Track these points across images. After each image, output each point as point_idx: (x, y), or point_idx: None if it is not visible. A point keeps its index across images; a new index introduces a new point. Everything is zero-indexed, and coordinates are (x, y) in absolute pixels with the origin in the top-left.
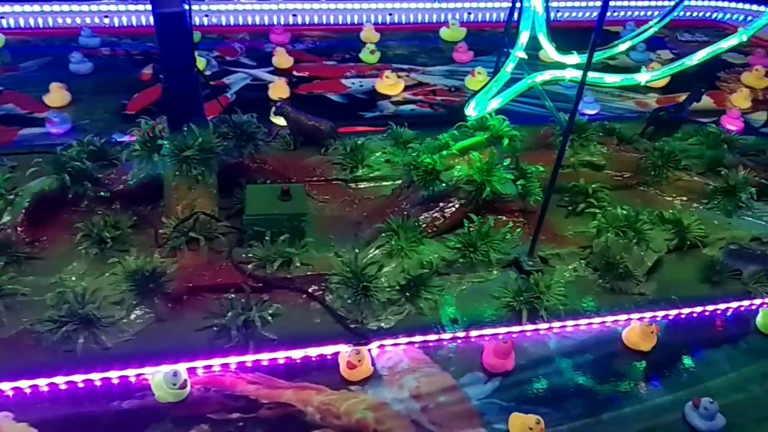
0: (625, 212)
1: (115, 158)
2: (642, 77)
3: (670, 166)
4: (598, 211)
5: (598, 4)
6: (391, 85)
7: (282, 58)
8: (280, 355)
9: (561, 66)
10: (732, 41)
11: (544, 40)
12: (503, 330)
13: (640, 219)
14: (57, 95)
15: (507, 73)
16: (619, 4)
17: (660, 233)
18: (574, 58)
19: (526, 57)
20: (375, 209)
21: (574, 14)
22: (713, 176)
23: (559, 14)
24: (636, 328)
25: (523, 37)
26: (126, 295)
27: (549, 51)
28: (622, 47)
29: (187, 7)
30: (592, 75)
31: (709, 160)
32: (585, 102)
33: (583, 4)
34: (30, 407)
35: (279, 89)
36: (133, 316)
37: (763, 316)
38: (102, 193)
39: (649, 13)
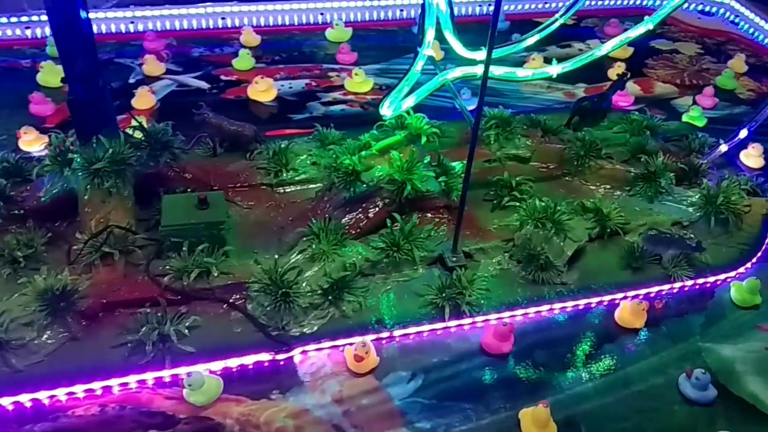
0: (543, 204)
1: (30, 174)
2: (553, 70)
3: (592, 155)
4: (520, 204)
5: None
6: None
7: (152, 66)
8: (199, 368)
9: (473, 62)
10: (640, 30)
11: (450, 37)
12: (427, 327)
13: (559, 209)
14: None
15: (417, 72)
16: None
17: (581, 222)
18: (483, 54)
19: (434, 55)
20: (299, 213)
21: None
22: (636, 163)
23: (483, 8)
24: (627, 307)
25: (429, 35)
26: (36, 315)
27: (456, 48)
28: (530, 41)
29: (84, 14)
30: (504, 70)
31: (632, 147)
32: (463, 99)
33: None
34: None
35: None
36: (44, 337)
37: (736, 289)
38: (15, 211)
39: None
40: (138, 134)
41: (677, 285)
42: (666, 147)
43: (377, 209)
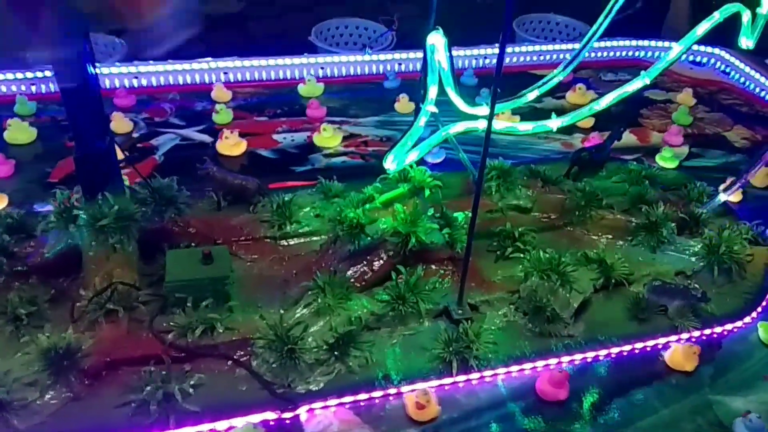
0: (548, 255)
1: (35, 230)
2: (553, 124)
3: (593, 205)
4: (522, 255)
5: (531, 48)
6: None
7: (120, 123)
8: (204, 428)
9: (475, 117)
10: (636, 84)
11: (452, 93)
12: (435, 383)
13: (563, 261)
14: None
15: (420, 127)
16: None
17: (585, 273)
18: (485, 110)
19: (437, 111)
20: (303, 266)
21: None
22: (637, 213)
23: (487, 61)
24: (679, 350)
25: (432, 92)
26: (39, 375)
27: (458, 104)
28: (531, 96)
29: (92, 71)
30: (505, 124)
31: (632, 196)
32: (431, 153)
33: (510, 49)
34: None
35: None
36: (47, 397)
37: (764, 329)
38: (18, 268)
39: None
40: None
41: (684, 336)
42: (665, 196)
43: (382, 262)
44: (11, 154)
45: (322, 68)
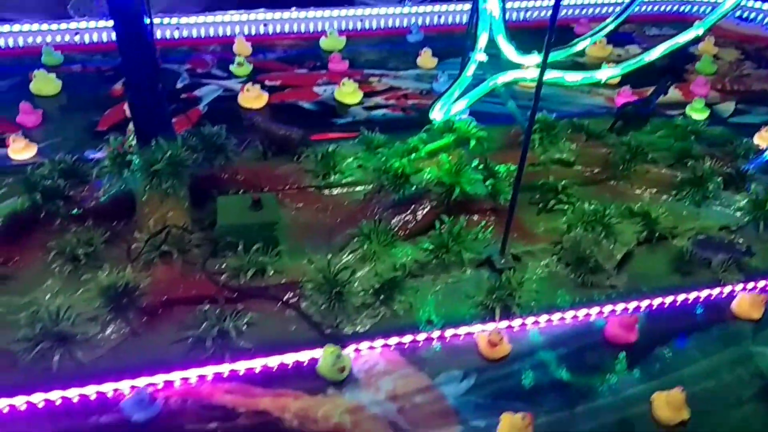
0: (593, 207)
1: (87, 176)
2: (602, 74)
3: (638, 159)
4: (567, 207)
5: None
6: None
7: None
8: (257, 364)
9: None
10: (689, 35)
11: (503, 42)
12: (477, 328)
13: (608, 213)
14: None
15: (468, 76)
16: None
17: (629, 226)
18: (535, 59)
19: (485, 59)
20: (348, 215)
21: (544, 14)
22: (681, 168)
23: (528, 14)
24: (746, 299)
25: (482, 40)
26: (100, 311)
27: (508, 53)
28: (581, 45)
29: (148, 21)
30: (553, 75)
31: (677, 151)
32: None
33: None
34: (8, 427)
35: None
36: (107, 332)
37: None
38: (74, 211)
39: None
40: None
41: (727, 289)
42: (711, 152)
43: (426, 211)
44: (41, 104)
45: (348, 21)
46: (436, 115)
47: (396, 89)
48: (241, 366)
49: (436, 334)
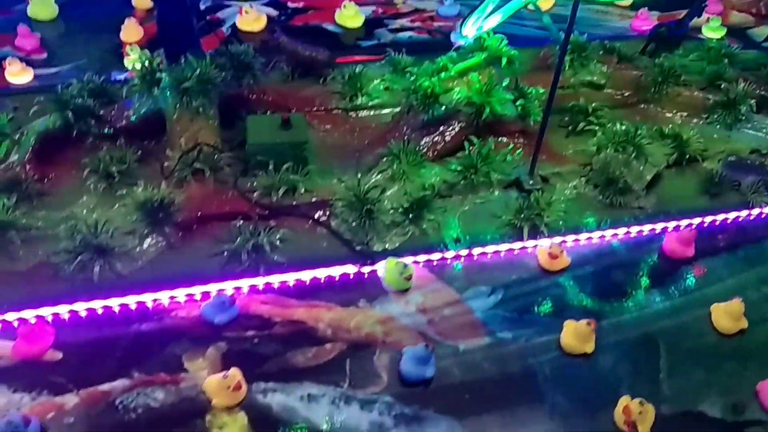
0: (624, 128)
1: (115, 95)
2: None
3: (670, 81)
4: (598, 128)
5: None
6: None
7: None
8: (290, 277)
9: None
10: None
11: None
12: (505, 246)
13: (639, 134)
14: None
15: None
16: None
17: (659, 148)
18: None
19: None
20: (376, 136)
21: None
22: (713, 91)
23: None
24: None
25: None
26: (137, 225)
27: None
28: None
29: None
30: None
31: (709, 75)
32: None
33: None
34: (52, 335)
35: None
36: (145, 245)
37: None
38: (105, 130)
39: None
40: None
41: (755, 211)
42: (744, 75)
43: (454, 132)
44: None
45: None
46: (468, 31)
47: (421, 11)
48: (275, 279)
49: (463, 252)
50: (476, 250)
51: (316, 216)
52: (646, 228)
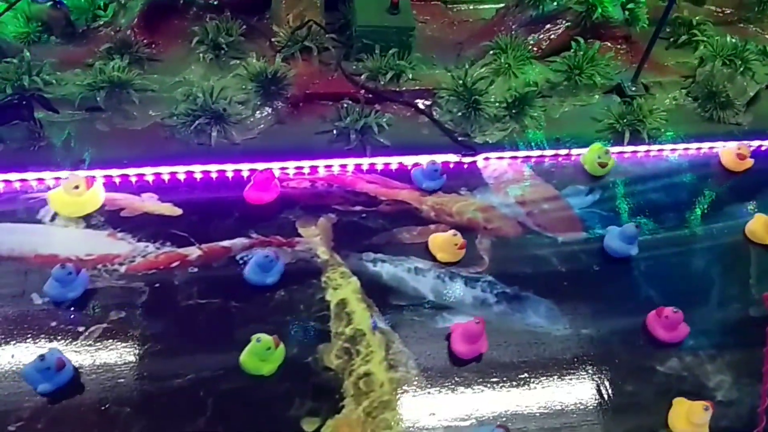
0: (733, 41)
1: None
2: None
3: None
4: (705, 40)
5: None
6: None
7: None
8: (394, 161)
9: None
10: None
11: None
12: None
13: (747, 49)
14: None
15: None
16: None
17: (762, 67)
18: None
19: None
20: (480, 30)
21: None
22: None
23: None
24: None
25: None
26: (250, 95)
27: None
28: None
29: None
30: None
31: None
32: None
33: None
34: (170, 191)
35: None
36: (257, 116)
37: None
38: (211, 1)
39: None
40: None
41: None
42: None
43: (560, 31)
44: None
45: None
46: None
47: None
48: (380, 161)
49: (563, 151)
50: (575, 151)
51: (419, 104)
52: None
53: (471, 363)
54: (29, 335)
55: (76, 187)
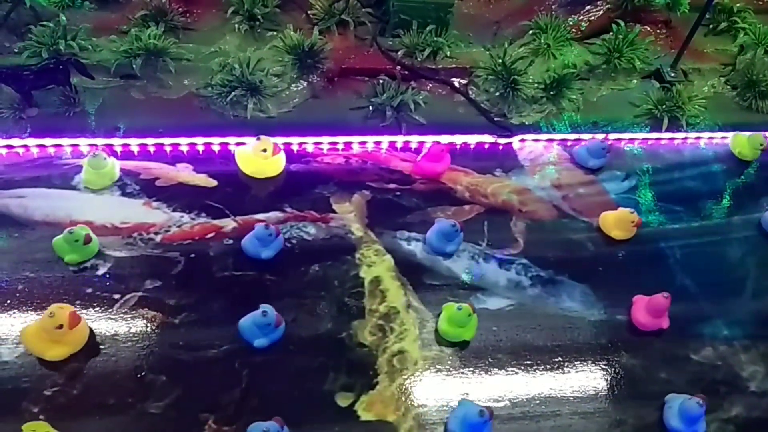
0: None
1: None
2: None
3: None
4: (746, 27)
5: None
6: None
7: None
8: (428, 139)
9: None
10: None
11: None
12: (640, 135)
13: None
14: None
15: None
16: None
17: None
18: None
19: None
20: (518, 8)
21: None
22: None
23: None
24: None
25: None
26: (287, 68)
27: None
28: None
29: None
30: None
31: None
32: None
33: None
34: (205, 162)
35: None
36: (293, 89)
37: None
38: None
39: None
40: None
41: None
42: None
43: (600, 13)
44: None
45: None
46: None
47: None
48: (415, 139)
49: (599, 135)
50: (612, 136)
51: (456, 83)
52: None
53: (507, 344)
54: (64, 302)
55: (264, 150)
